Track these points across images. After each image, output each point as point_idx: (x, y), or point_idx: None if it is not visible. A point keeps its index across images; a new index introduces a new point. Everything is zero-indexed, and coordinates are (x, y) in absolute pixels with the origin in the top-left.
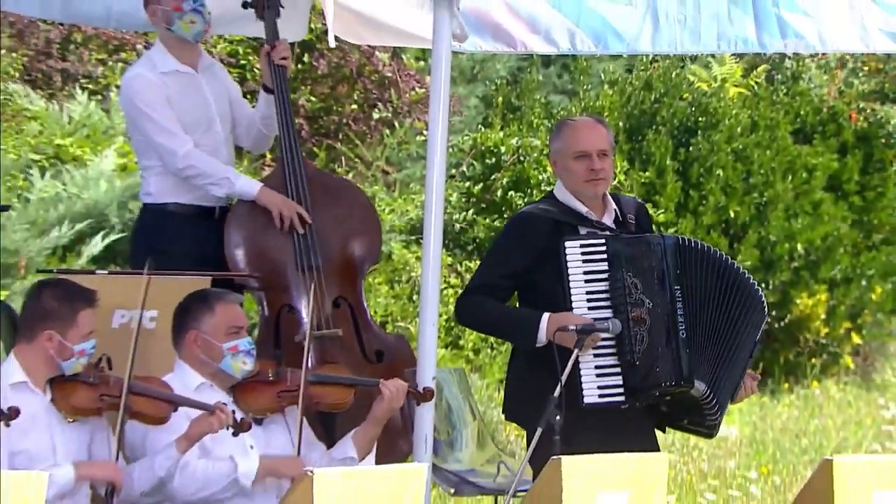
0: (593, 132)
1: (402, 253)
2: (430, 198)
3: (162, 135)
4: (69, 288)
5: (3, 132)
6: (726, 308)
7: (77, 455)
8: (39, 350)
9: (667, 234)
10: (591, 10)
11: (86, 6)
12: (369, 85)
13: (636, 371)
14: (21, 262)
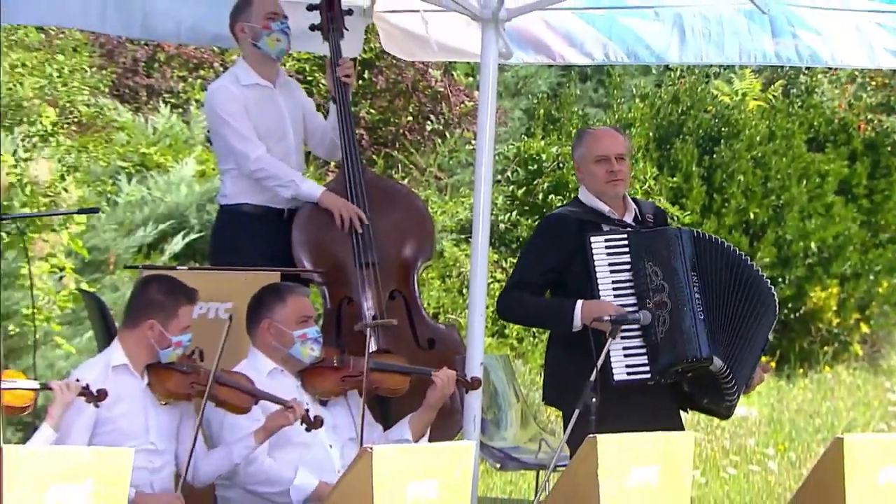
0: (611, 138)
1: (452, 250)
2: (478, 201)
3: (238, 140)
4: (175, 284)
5: (94, 142)
6: (740, 297)
7: (166, 436)
8: (141, 337)
9: (683, 228)
10: (623, 24)
11: (160, 23)
12: (423, 99)
13: (660, 350)
14: (110, 259)
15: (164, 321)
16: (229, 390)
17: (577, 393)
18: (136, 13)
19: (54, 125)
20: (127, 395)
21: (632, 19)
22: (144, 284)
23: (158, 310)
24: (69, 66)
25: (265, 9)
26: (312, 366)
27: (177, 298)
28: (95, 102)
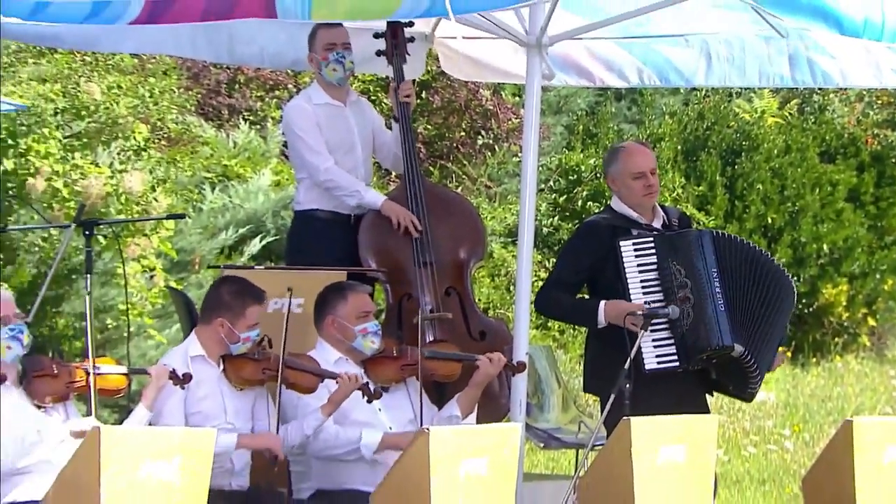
0: (644, 155)
1: (501, 252)
2: (524, 207)
3: (310, 153)
4: (243, 286)
5: (181, 155)
6: (759, 288)
7: (243, 417)
8: (213, 333)
9: (703, 229)
10: (656, 50)
11: (245, 49)
12: (475, 116)
13: (686, 340)
14: (195, 260)
15: (233, 320)
16: (297, 373)
17: (612, 381)
18: (223, 41)
19: (146, 140)
20: (205, 381)
21: (664, 46)
22: (216, 286)
23: (227, 310)
24: (160, 87)
25: (324, 40)
26: (374, 356)
27: (244, 299)
28: (183, 120)
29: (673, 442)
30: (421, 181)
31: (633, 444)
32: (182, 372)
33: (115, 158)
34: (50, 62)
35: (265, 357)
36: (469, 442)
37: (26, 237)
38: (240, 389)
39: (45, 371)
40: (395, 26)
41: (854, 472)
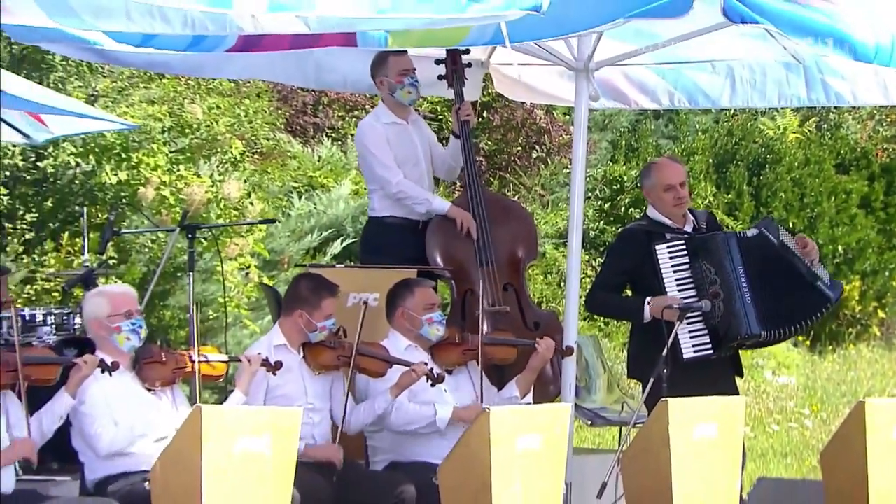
0: (674, 169)
1: (553, 252)
2: (573, 213)
3: (382, 168)
4: (319, 281)
5: (272, 167)
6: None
7: (321, 398)
8: (294, 324)
9: (729, 231)
10: (686, 75)
11: (329, 75)
12: (529, 133)
13: (718, 331)
14: (284, 260)
15: (311, 311)
16: (369, 359)
17: (652, 366)
18: (310, 68)
19: (241, 154)
20: (288, 367)
21: (693, 72)
22: (295, 282)
23: (305, 303)
24: (253, 108)
25: (399, 66)
26: (439, 342)
27: (320, 293)
28: (273, 136)
29: (706, 420)
30: (481, 190)
31: (671, 423)
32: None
33: (215, 170)
34: (158, 86)
35: (340, 345)
36: (525, 420)
37: (137, 239)
38: (318, 374)
39: (155, 358)
40: (454, 53)
41: (866, 447)
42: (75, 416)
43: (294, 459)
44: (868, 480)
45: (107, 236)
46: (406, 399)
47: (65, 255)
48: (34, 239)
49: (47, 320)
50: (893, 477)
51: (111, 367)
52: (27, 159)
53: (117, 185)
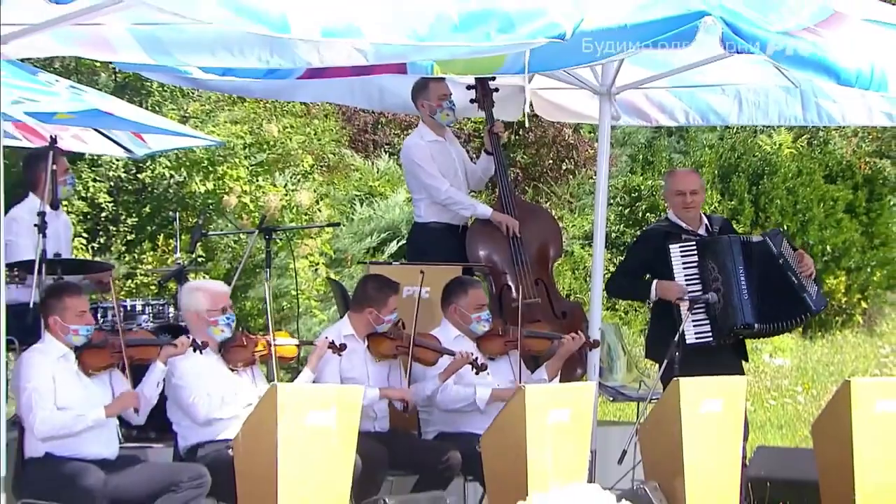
0: (686, 178)
1: (579, 251)
2: (597, 217)
3: (430, 179)
4: (384, 282)
5: (337, 178)
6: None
7: (381, 382)
8: (363, 318)
9: (734, 235)
10: (699, 97)
11: (390, 99)
12: (560, 148)
13: (717, 321)
14: (348, 258)
15: (379, 308)
16: (422, 349)
17: (666, 350)
18: (374, 92)
19: (311, 167)
20: (354, 354)
21: (706, 94)
22: (363, 283)
23: (373, 301)
24: (322, 127)
25: (438, 92)
26: (484, 334)
27: (386, 292)
28: (339, 152)
29: (712, 397)
30: (513, 197)
31: (682, 399)
32: (339, 343)
33: (288, 181)
34: (240, 108)
35: (399, 336)
36: (556, 396)
37: (222, 240)
38: (378, 361)
39: (238, 343)
40: (483, 79)
41: (851, 419)
42: (171, 390)
43: (356, 430)
44: (853, 448)
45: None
46: (452, 382)
47: (160, 253)
48: (134, 240)
49: (145, 310)
50: (875, 445)
51: (201, 345)
52: (129, 171)
53: (205, 193)
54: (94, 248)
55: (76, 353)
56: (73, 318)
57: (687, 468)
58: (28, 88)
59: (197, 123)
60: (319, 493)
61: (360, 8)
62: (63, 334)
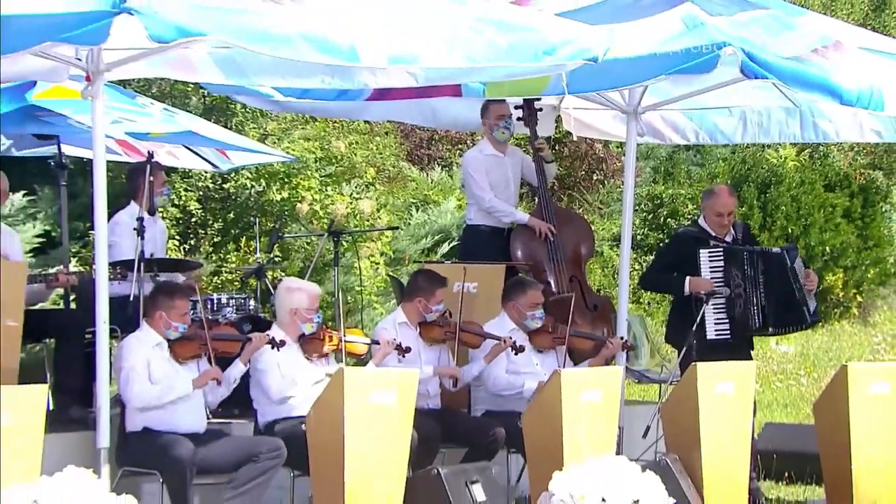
0: (728, 201)
1: (609, 252)
2: (625, 222)
3: (478, 189)
4: (433, 276)
5: (396, 188)
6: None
7: (432, 363)
8: (414, 307)
9: (757, 248)
10: (708, 118)
11: (444, 117)
12: (591, 161)
13: (736, 322)
14: (405, 257)
15: (427, 298)
16: (468, 335)
17: (684, 339)
18: (429, 112)
19: (373, 178)
20: (407, 340)
21: (714, 115)
22: (415, 276)
23: (423, 292)
24: (383, 143)
25: (497, 112)
26: (536, 330)
27: (434, 285)
28: (398, 165)
29: (725, 380)
30: (550, 204)
31: (699, 381)
32: (405, 345)
33: (353, 190)
34: (312, 127)
35: (447, 324)
36: (588, 379)
37: (296, 242)
38: (429, 345)
39: (315, 336)
40: (529, 100)
41: (848, 399)
42: (253, 373)
43: (413, 408)
44: (850, 425)
45: (273, 240)
46: (504, 370)
47: (242, 254)
48: (220, 242)
49: (229, 303)
50: (869, 422)
51: (279, 344)
52: (216, 182)
53: (281, 201)
54: (186, 249)
55: (168, 344)
56: (177, 317)
57: (703, 442)
58: (127, 110)
59: (274, 140)
60: (381, 464)
61: (419, 37)
62: (164, 328)
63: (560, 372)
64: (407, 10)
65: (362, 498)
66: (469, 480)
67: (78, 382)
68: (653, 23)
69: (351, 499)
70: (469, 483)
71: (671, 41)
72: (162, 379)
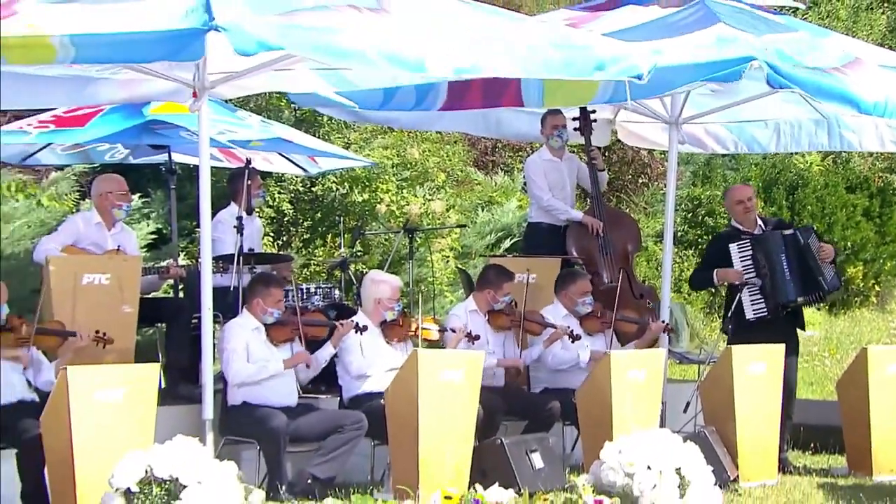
0: (741, 189)
1: (653, 247)
2: (667, 220)
3: (538, 189)
4: (501, 270)
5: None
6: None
7: (499, 347)
8: (483, 297)
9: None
10: (746, 129)
11: (507, 128)
12: (637, 166)
13: (769, 299)
14: (472, 252)
15: (496, 290)
16: (531, 323)
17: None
18: (493, 123)
19: (444, 182)
20: (476, 326)
21: (751, 127)
22: (485, 269)
23: (492, 284)
24: (452, 150)
25: (552, 123)
26: (586, 315)
27: (502, 278)
28: (465, 170)
29: (756, 361)
30: (602, 205)
31: (733, 362)
32: (475, 334)
33: (426, 193)
34: (390, 137)
35: (512, 312)
36: (634, 360)
37: (375, 238)
38: (496, 332)
39: (395, 322)
40: (585, 111)
41: (868, 379)
42: (339, 353)
43: (479, 385)
44: (869, 402)
45: (355, 236)
46: (560, 349)
47: (328, 248)
48: (309, 238)
49: (317, 291)
50: (887, 400)
51: (363, 328)
52: (305, 186)
53: (362, 202)
54: (279, 245)
55: (265, 328)
56: (272, 304)
57: (738, 416)
58: (228, 122)
59: (357, 148)
60: (451, 434)
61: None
62: (261, 314)
63: (610, 354)
64: (471, 26)
65: (434, 465)
66: (529, 449)
67: (186, 362)
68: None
69: (424, 466)
70: (529, 452)
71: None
72: (258, 360)
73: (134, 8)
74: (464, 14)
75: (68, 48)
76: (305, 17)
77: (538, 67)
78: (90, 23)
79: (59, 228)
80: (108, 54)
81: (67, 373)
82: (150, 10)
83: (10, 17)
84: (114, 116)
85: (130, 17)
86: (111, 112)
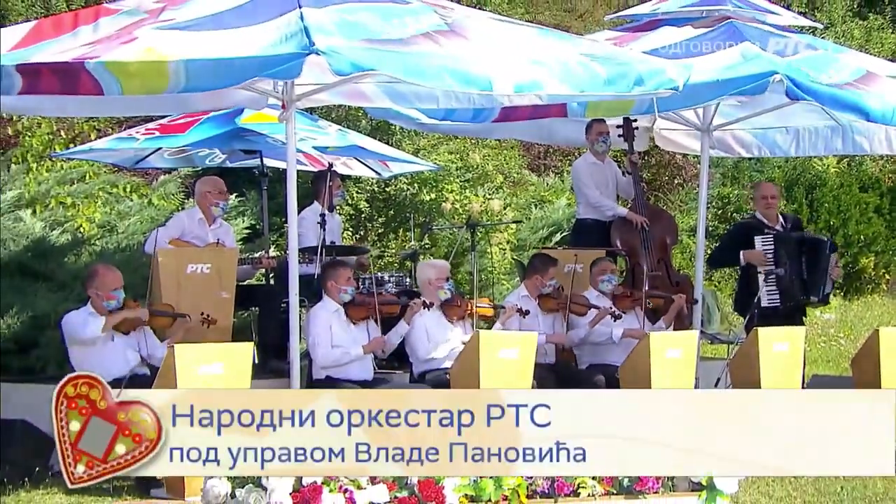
0: (766, 187)
1: (687, 240)
2: (700, 216)
3: (587, 189)
4: (544, 257)
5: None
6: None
7: (548, 329)
8: (533, 283)
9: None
10: (769, 136)
11: (557, 135)
12: (673, 169)
13: (785, 292)
14: (527, 245)
15: (542, 275)
16: (576, 305)
17: (745, 308)
18: (545, 131)
19: (501, 183)
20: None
21: (774, 133)
22: (533, 258)
23: (538, 270)
24: (509, 155)
25: (597, 130)
26: (619, 294)
27: (546, 265)
28: (520, 172)
29: (780, 341)
30: (644, 203)
31: (759, 343)
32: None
33: (486, 192)
34: (454, 143)
35: (560, 296)
36: (670, 340)
37: (441, 233)
38: (545, 313)
39: (454, 303)
40: (628, 120)
41: (880, 358)
42: (409, 334)
43: (532, 362)
44: (881, 377)
45: (424, 231)
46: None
47: (400, 242)
48: (383, 233)
49: (390, 279)
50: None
51: (429, 305)
52: (380, 187)
53: (430, 201)
54: (357, 238)
55: (345, 308)
56: (344, 282)
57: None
58: (312, 130)
59: (424, 154)
60: None
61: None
62: (336, 293)
63: (649, 335)
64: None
65: None
66: None
67: (276, 341)
68: (717, 56)
69: None
70: None
71: (731, 69)
72: (341, 343)
73: (237, 34)
74: (523, 35)
75: (180, 75)
76: (390, 43)
77: (587, 82)
78: (202, 48)
79: (167, 224)
80: (214, 81)
81: (175, 350)
82: (251, 34)
83: (130, 41)
84: (209, 125)
85: (235, 42)
86: (207, 121)
